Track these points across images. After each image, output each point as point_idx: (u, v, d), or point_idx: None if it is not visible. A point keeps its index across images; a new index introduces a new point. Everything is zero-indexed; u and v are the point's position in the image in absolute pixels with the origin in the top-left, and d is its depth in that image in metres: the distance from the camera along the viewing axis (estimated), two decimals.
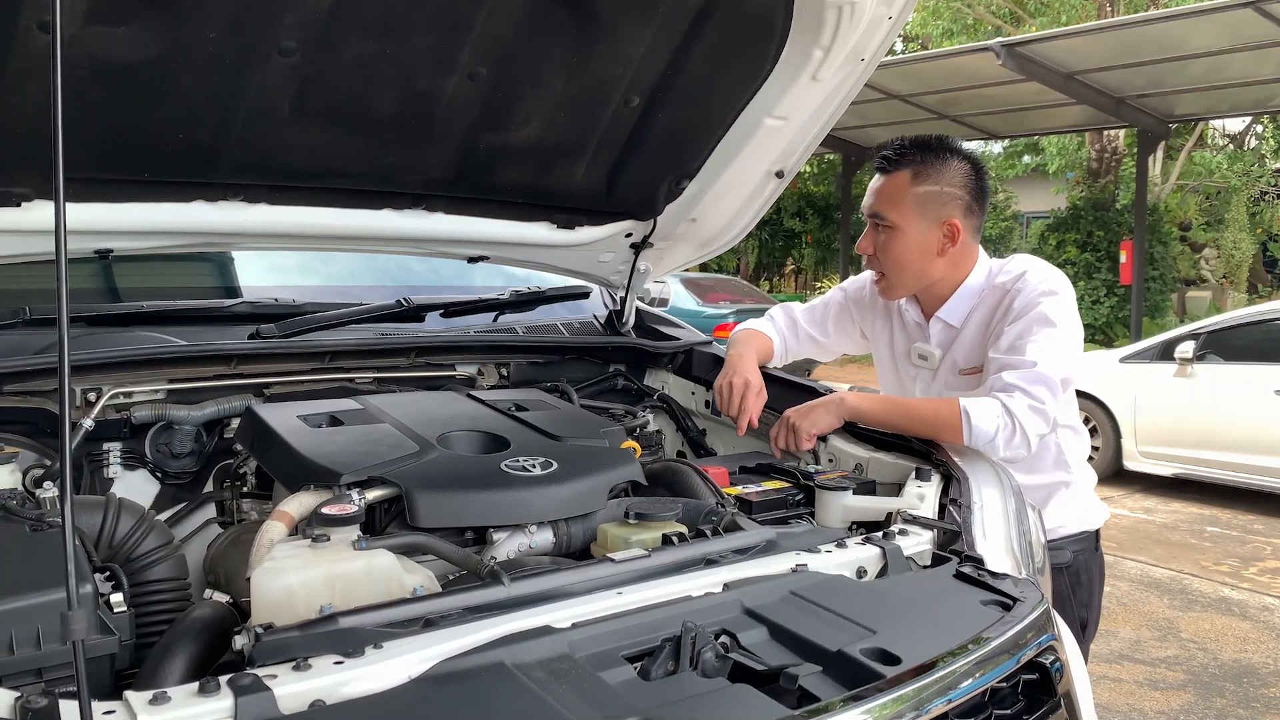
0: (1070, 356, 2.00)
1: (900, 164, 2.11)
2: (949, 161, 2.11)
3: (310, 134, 1.84)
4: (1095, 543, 2.27)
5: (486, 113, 1.94)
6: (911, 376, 2.31)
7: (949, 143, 2.15)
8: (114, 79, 1.57)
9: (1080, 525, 2.22)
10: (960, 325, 2.17)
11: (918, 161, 2.10)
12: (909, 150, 2.12)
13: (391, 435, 1.69)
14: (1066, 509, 2.19)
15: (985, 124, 14.06)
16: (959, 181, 2.11)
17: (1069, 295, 2.07)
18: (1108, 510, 2.29)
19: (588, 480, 1.61)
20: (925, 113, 13.41)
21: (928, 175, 2.09)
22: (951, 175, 2.10)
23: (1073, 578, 2.20)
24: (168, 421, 1.90)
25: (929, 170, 2.09)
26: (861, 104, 13.31)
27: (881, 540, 1.54)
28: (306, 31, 1.63)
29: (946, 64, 11.77)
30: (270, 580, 1.19)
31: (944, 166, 2.10)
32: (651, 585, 1.32)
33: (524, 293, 2.55)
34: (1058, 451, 2.17)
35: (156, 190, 1.83)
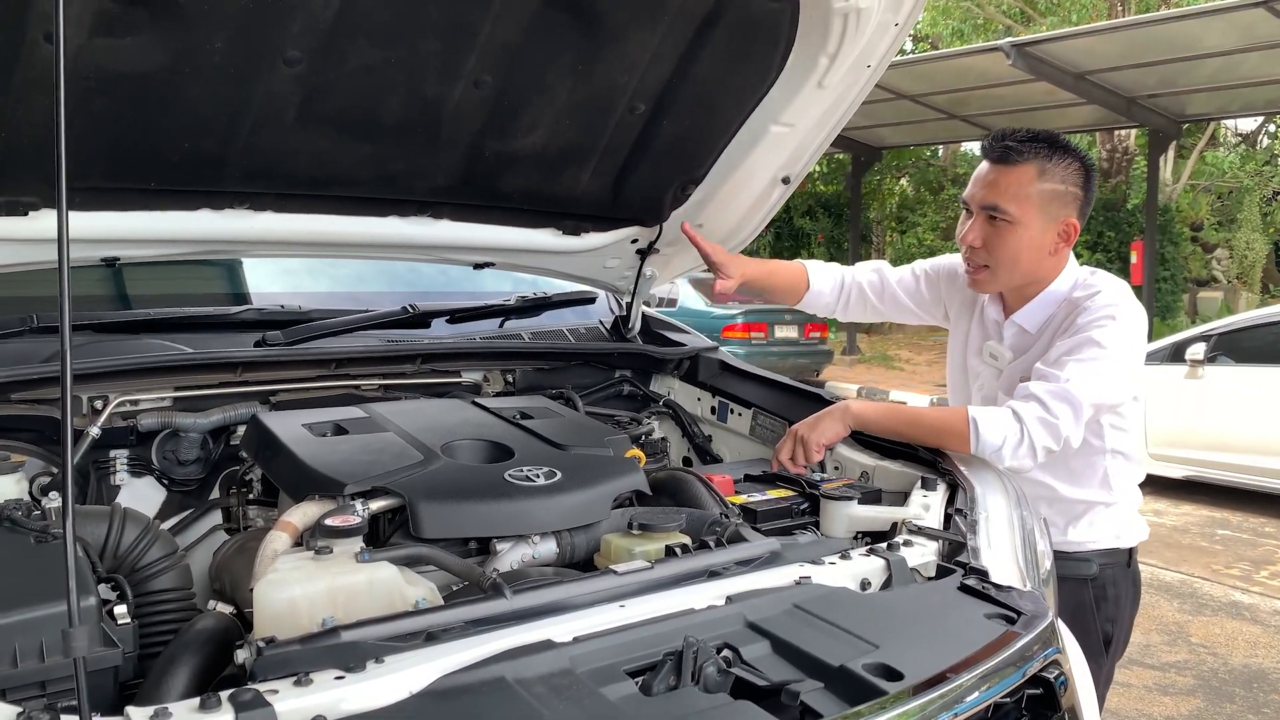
0: (1110, 383, 1.95)
1: (1024, 156, 2.02)
2: (1069, 159, 2.05)
3: (316, 141, 1.84)
4: (1128, 559, 2.23)
5: (492, 119, 1.94)
6: (976, 373, 2.27)
7: (1067, 140, 2.10)
8: (120, 89, 1.58)
9: (1112, 542, 2.18)
10: (1035, 332, 2.14)
11: (1043, 156, 2.02)
12: (1035, 143, 2.03)
13: (396, 444, 1.69)
14: (1101, 525, 2.16)
15: (995, 124, 13.92)
16: (1078, 181, 2.06)
17: (1133, 322, 2.02)
18: (1146, 531, 2.25)
19: (591, 490, 1.60)
20: (935, 113, 13.37)
21: (1052, 172, 2.02)
22: (1072, 174, 2.05)
23: (1098, 590, 2.18)
24: (174, 429, 1.91)
25: (1054, 167, 2.02)
26: (871, 104, 13.20)
27: (886, 552, 1.53)
28: (312, 40, 1.63)
29: (956, 64, 11.73)
30: (273, 592, 1.19)
31: (1066, 164, 2.04)
32: (654, 598, 1.32)
33: (530, 298, 2.55)
34: (1104, 475, 2.13)
35: (163, 199, 1.84)
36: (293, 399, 2.05)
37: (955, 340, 2.36)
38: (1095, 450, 2.09)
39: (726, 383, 2.48)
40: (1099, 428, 2.07)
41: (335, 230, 2.06)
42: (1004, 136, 2.06)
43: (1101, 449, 2.09)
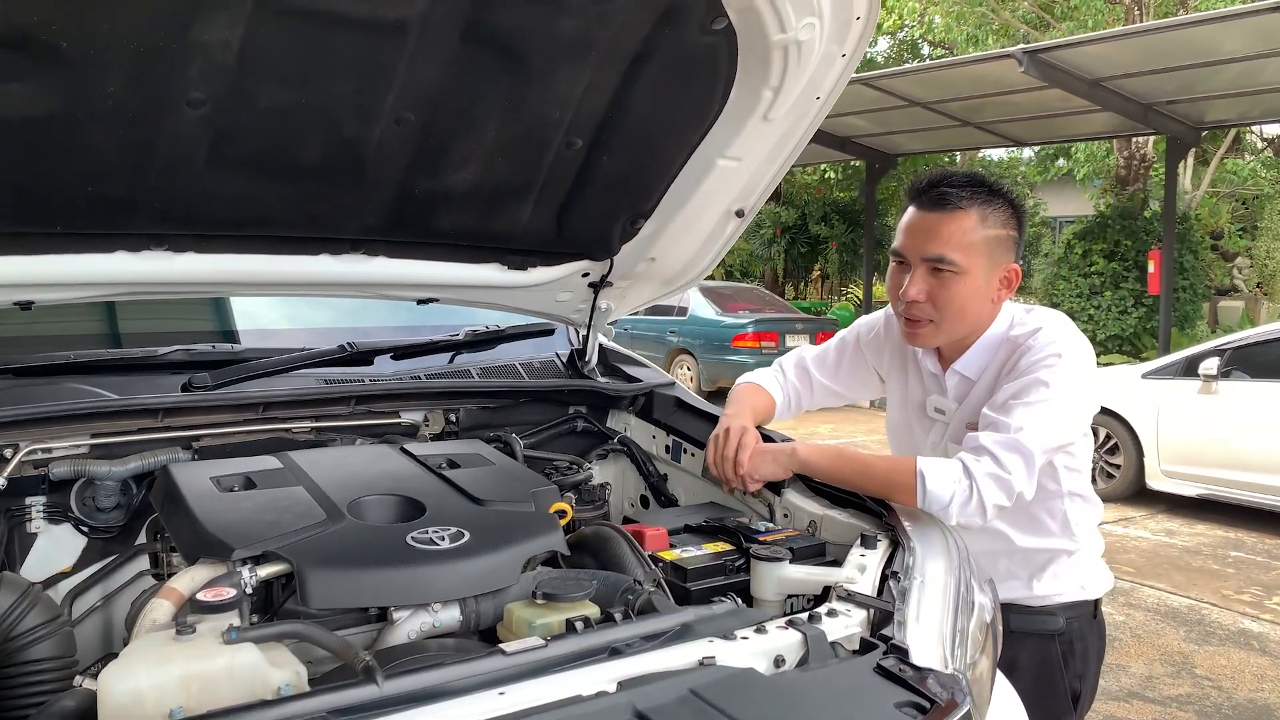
0: (1061, 425, 1.87)
1: (964, 203, 1.91)
2: (1002, 202, 1.95)
3: (232, 183, 1.78)
4: (1094, 611, 2.14)
5: (420, 157, 1.87)
6: (925, 430, 2.17)
7: (996, 181, 1.99)
8: (11, 135, 1.52)
9: (1078, 594, 2.09)
10: (976, 378, 2.04)
11: (982, 201, 1.92)
12: (973, 188, 1.93)
13: (301, 501, 1.62)
14: (1066, 577, 2.07)
15: (1010, 131, 13.83)
16: (1014, 225, 1.96)
17: (1079, 360, 1.92)
18: (1111, 579, 2.16)
19: (500, 553, 1.53)
20: (949, 120, 13.20)
21: (993, 217, 1.92)
22: (1008, 218, 1.95)
23: (1065, 646, 2.08)
24: (89, 477, 1.85)
25: (992, 212, 1.92)
26: (883, 111, 13.16)
27: (804, 624, 1.44)
28: (214, 83, 1.56)
29: (969, 70, 11.55)
30: (117, 683, 1.12)
31: (1000, 207, 1.94)
32: (540, 682, 1.24)
33: (481, 332, 2.48)
34: (1064, 519, 2.04)
35: (74, 242, 1.78)
36: (217, 445, 1.99)
37: (893, 399, 2.26)
38: (1052, 494, 2.00)
39: (681, 421, 2.39)
40: (1053, 470, 1.97)
41: (263, 270, 1.99)
42: (938, 182, 1.94)
43: (1058, 492, 2.00)
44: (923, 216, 1.94)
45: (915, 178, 2.03)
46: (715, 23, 1.76)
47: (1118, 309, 13.99)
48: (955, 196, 1.90)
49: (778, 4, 1.72)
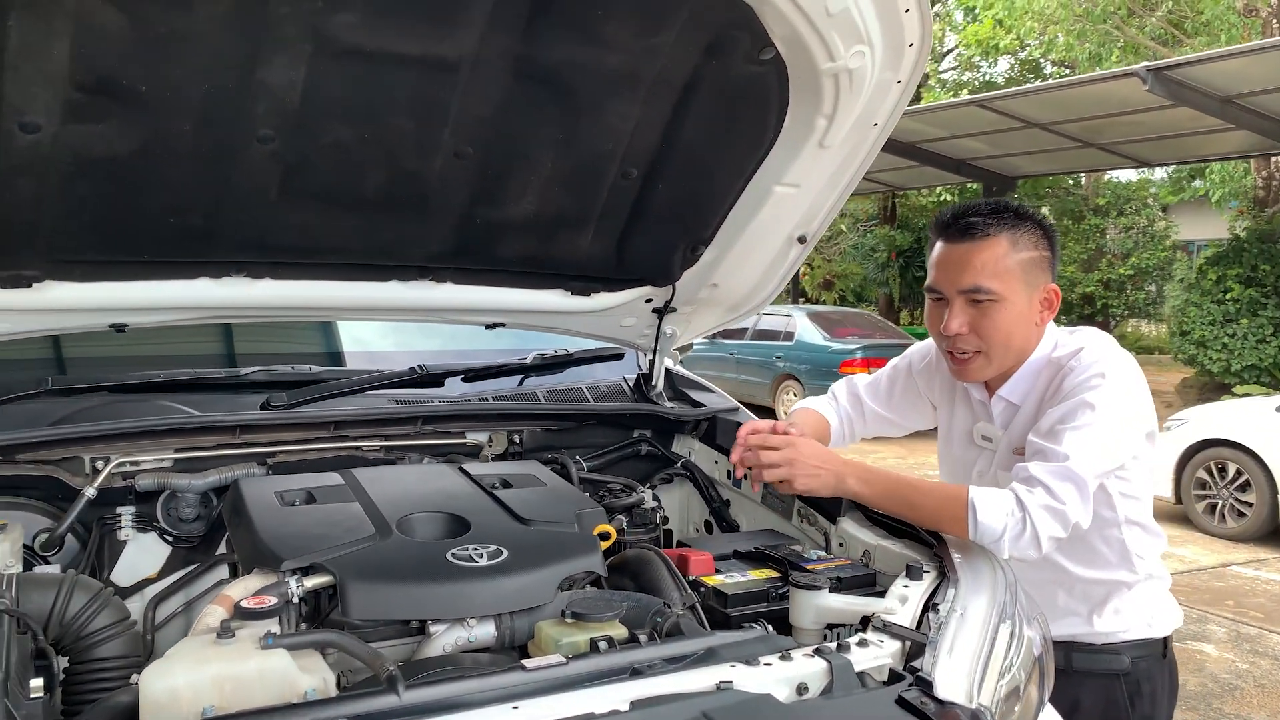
0: (1112, 447, 1.81)
1: (994, 229, 1.89)
2: (1030, 224, 1.93)
3: (302, 214, 1.88)
4: (1163, 650, 2.04)
5: (480, 189, 1.95)
6: (973, 457, 2.13)
7: (1023, 206, 1.97)
8: (100, 171, 1.65)
9: (1144, 631, 2.00)
10: (1021, 403, 2.00)
11: (1011, 226, 1.90)
12: (999, 214, 1.91)
13: (354, 516, 1.69)
14: (1128, 611, 1.99)
15: (1136, 151, 13.27)
16: (1045, 245, 1.94)
17: (1124, 379, 1.86)
18: (1180, 616, 2.06)
19: (536, 572, 1.57)
20: (1069, 141, 12.77)
21: (1023, 240, 1.90)
22: (1039, 238, 1.92)
23: (1131, 686, 2.00)
24: (171, 489, 1.97)
25: (1022, 235, 1.90)
26: (1000, 133, 12.84)
27: (831, 654, 1.43)
28: (281, 120, 1.67)
29: (1090, 90, 11.14)
30: (156, 681, 1.21)
31: (1029, 229, 1.91)
32: (556, 699, 1.27)
33: (549, 356, 2.54)
34: (1122, 549, 1.97)
35: (161, 269, 1.92)
36: (290, 461, 2.10)
37: (943, 427, 2.22)
38: (1108, 522, 1.93)
39: None
40: (1108, 496, 1.90)
41: (336, 295, 2.10)
42: (962, 213, 1.92)
43: (1114, 520, 1.93)
44: (953, 249, 1.91)
45: (938, 212, 2.01)
46: (763, 53, 1.78)
47: (1255, 337, 13.21)
48: (982, 224, 1.88)
49: (824, 33, 1.73)
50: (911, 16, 1.76)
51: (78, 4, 1.38)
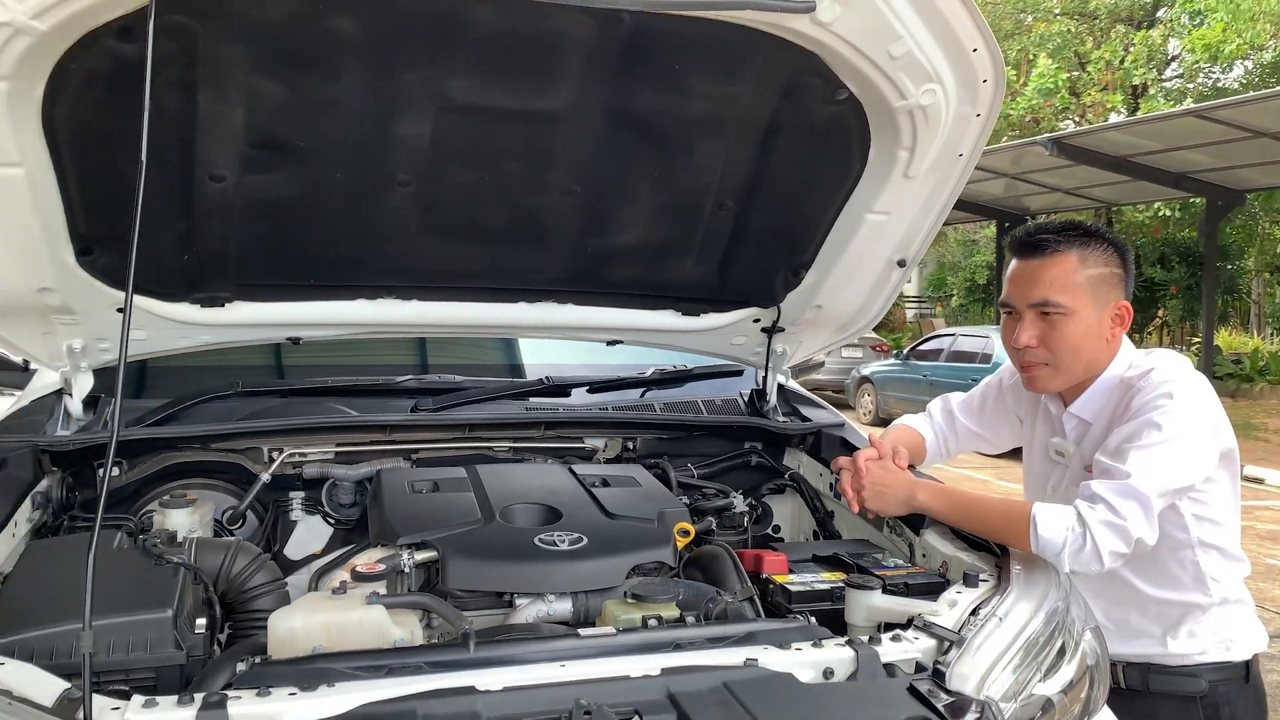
0: (1178, 467, 1.84)
1: (1064, 246, 1.99)
2: (1104, 243, 2.02)
3: (438, 245, 2.20)
4: (1245, 675, 2.02)
5: (588, 222, 2.20)
6: (1048, 472, 2.21)
7: (1095, 226, 2.07)
8: (272, 212, 2.02)
9: (1221, 654, 2.00)
10: (1093, 420, 2.07)
11: (1081, 244, 2.00)
12: (1068, 232, 2.01)
13: (466, 504, 1.97)
14: (1204, 634, 1.99)
15: None
16: (1117, 262, 2.02)
17: (1193, 400, 1.90)
18: (1264, 641, 2.04)
19: (610, 559, 1.79)
20: None
21: (1093, 257, 1.99)
22: (1110, 256, 2.01)
23: (1209, 710, 1.99)
24: (331, 478, 2.33)
25: (1092, 252, 1.99)
26: (1226, 144, 12.00)
27: (860, 644, 1.57)
28: (416, 166, 1.99)
29: None
30: (279, 623, 1.52)
31: (1103, 248, 2.01)
32: (600, 661, 1.48)
33: (668, 371, 2.76)
34: (1196, 571, 1.98)
35: (325, 291, 2.29)
36: (430, 457, 2.41)
37: (1025, 443, 2.29)
38: (1181, 544, 1.94)
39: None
40: (1179, 518, 1.92)
41: (472, 315, 2.41)
42: (1034, 231, 2.01)
43: (1187, 542, 1.94)
44: (1024, 265, 2.02)
45: (1014, 232, 2.09)
46: (837, 94, 1.93)
47: None
48: (1052, 242, 1.97)
49: (891, 75, 1.87)
50: (981, 55, 1.87)
51: (248, 79, 1.73)
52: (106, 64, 1.61)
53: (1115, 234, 2.04)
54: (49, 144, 1.72)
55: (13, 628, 1.48)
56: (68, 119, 1.69)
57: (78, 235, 1.91)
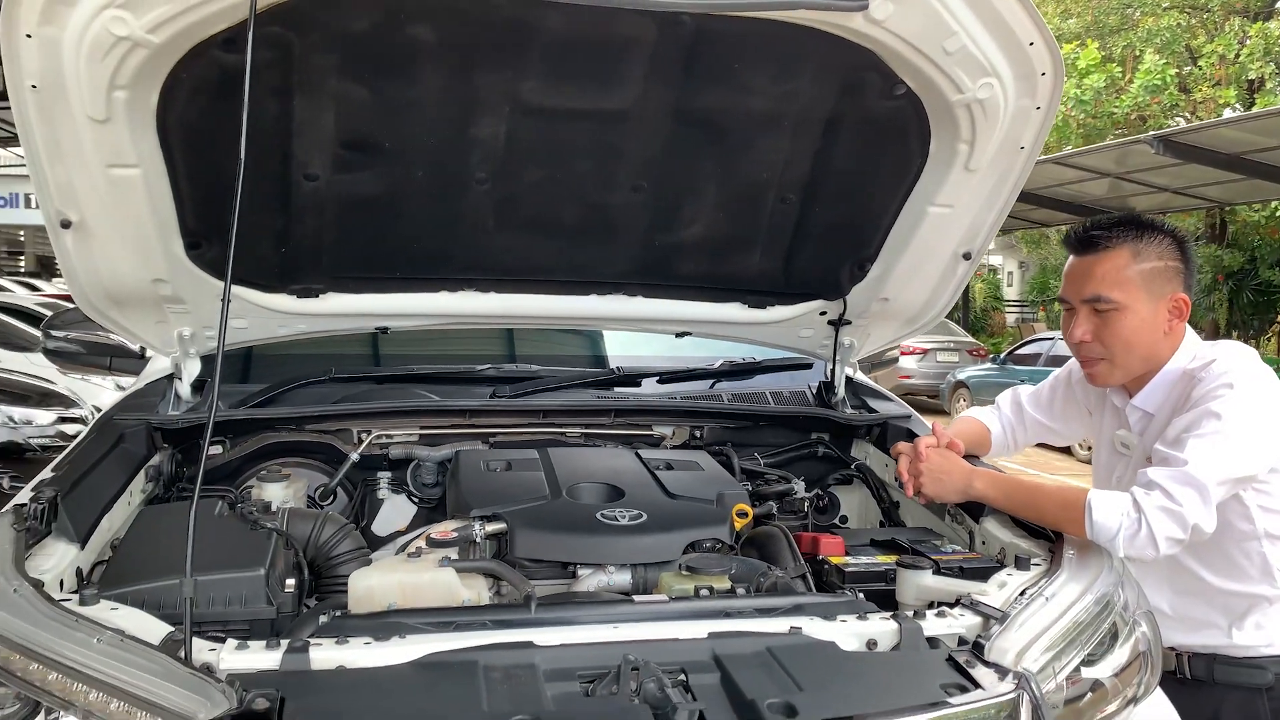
0: (1237, 456, 1.85)
1: (1115, 241, 2.03)
2: (1160, 235, 2.04)
3: (515, 240, 2.33)
4: None
5: (655, 217, 2.30)
6: (1114, 464, 2.23)
7: (1151, 218, 2.09)
8: (361, 209, 2.18)
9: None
10: (1155, 412, 2.08)
11: (1133, 238, 2.03)
12: (1121, 227, 2.05)
13: (536, 482, 2.09)
14: (1271, 626, 1.99)
15: None
16: (1175, 255, 2.04)
17: (1255, 390, 1.90)
18: None
19: (668, 534, 1.89)
20: None
21: (1147, 251, 2.02)
22: (1167, 249, 2.03)
23: (1275, 704, 1.98)
24: (414, 459, 2.48)
25: (1146, 246, 2.02)
26: None
27: (906, 619, 1.63)
28: (492, 165, 2.12)
29: None
30: (358, 581, 1.66)
31: (1158, 241, 2.03)
32: (651, 625, 1.58)
33: (738, 363, 2.84)
34: (1263, 563, 1.98)
35: (410, 284, 2.44)
36: (507, 440, 2.54)
37: (1094, 436, 2.31)
38: (1246, 535, 1.93)
39: None
40: (1245, 509, 1.92)
41: (546, 306, 2.53)
42: (1087, 228, 2.04)
43: (1253, 533, 1.93)
44: (1078, 261, 2.05)
45: (1070, 228, 2.11)
46: (895, 89, 1.99)
47: None
48: (1104, 238, 2.00)
49: (947, 69, 1.92)
50: (1038, 48, 1.90)
51: (338, 85, 1.88)
52: (213, 73, 1.77)
53: (1175, 227, 2.05)
54: (162, 147, 1.90)
55: (125, 581, 1.65)
56: (178, 123, 1.86)
57: (187, 230, 2.09)
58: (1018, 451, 2.49)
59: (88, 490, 1.94)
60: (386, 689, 1.36)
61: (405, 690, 1.37)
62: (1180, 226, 2.10)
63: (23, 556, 1.62)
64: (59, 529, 1.79)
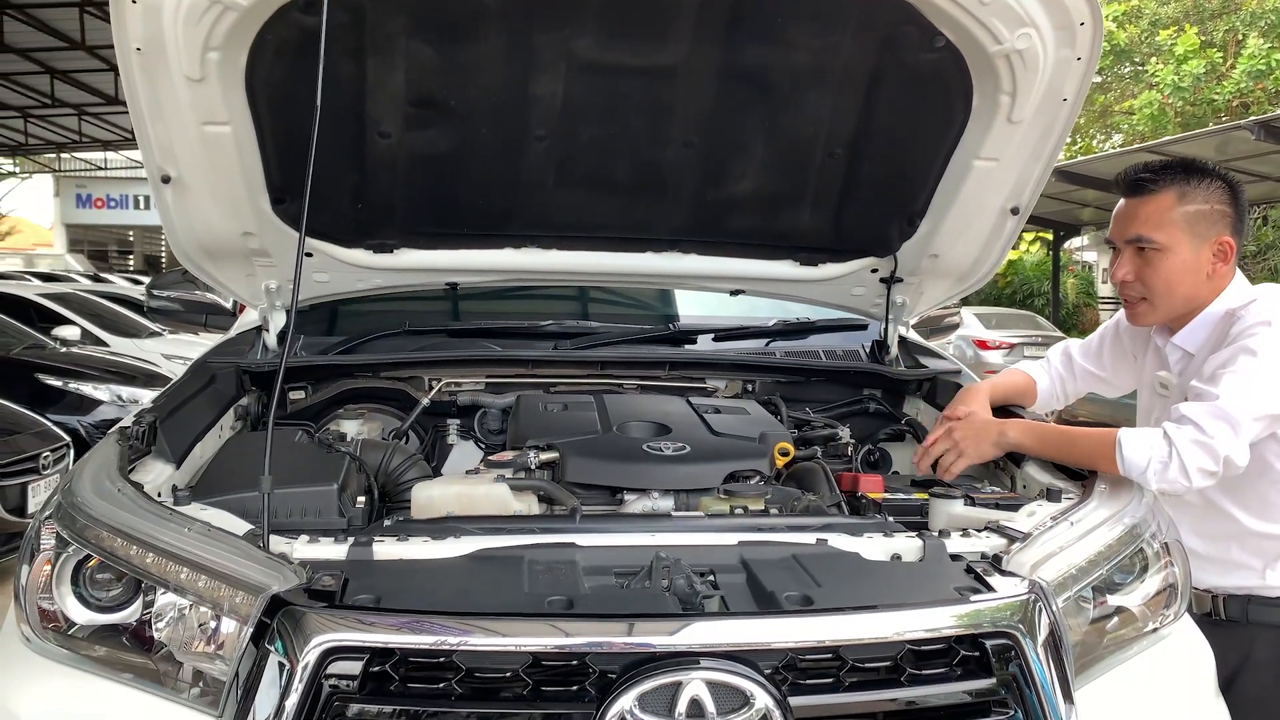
0: (1273, 393, 1.88)
1: (1161, 184, 2.08)
2: (1209, 180, 2.08)
3: (573, 197, 2.46)
4: None
5: (707, 172, 2.41)
6: (1154, 405, 2.25)
7: (1202, 163, 2.13)
8: (430, 166, 2.34)
9: None
10: (1195, 351, 2.11)
11: (1181, 181, 2.07)
12: (1168, 171, 2.09)
13: (589, 420, 2.22)
14: None
15: None
16: (1224, 199, 2.07)
17: None
18: None
19: (709, 465, 2.00)
20: None
21: (1193, 194, 2.06)
22: (1215, 193, 2.07)
23: None
24: (480, 406, 2.63)
25: (1194, 189, 2.06)
26: None
27: (931, 536, 1.71)
28: (550, 122, 2.25)
29: None
30: (420, 492, 1.82)
31: (1206, 185, 2.07)
32: (684, 535, 1.69)
33: (791, 323, 2.92)
34: None
35: (477, 240, 2.59)
36: (566, 390, 2.68)
37: (1139, 381, 2.34)
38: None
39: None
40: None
41: (605, 263, 2.66)
42: (1136, 171, 2.08)
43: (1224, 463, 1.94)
44: (1125, 204, 2.11)
45: (1120, 171, 2.15)
46: (935, 41, 2.06)
47: None
48: (1150, 181, 2.05)
49: (984, 20, 1.98)
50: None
51: (407, 45, 2.04)
52: (294, 34, 1.94)
53: (1228, 172, 2.07)
54: (250, 105, 2.08)
55: (213, 493, 1.84)
56: (265, 83, 2.04)
57: (273, 186, 2.27)
58: (1068, 403, 2.53)
59: (183, 420, 2.14)
60: (439, 574, 1.51)
61: (456, 575, 1.51)
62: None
63: (126, 466, 1.81)
64: (157, 450, 1.99)
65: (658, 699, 1.32)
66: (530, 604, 1.41)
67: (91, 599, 1.56)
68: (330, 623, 1.34)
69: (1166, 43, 18.26)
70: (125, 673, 1.52)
